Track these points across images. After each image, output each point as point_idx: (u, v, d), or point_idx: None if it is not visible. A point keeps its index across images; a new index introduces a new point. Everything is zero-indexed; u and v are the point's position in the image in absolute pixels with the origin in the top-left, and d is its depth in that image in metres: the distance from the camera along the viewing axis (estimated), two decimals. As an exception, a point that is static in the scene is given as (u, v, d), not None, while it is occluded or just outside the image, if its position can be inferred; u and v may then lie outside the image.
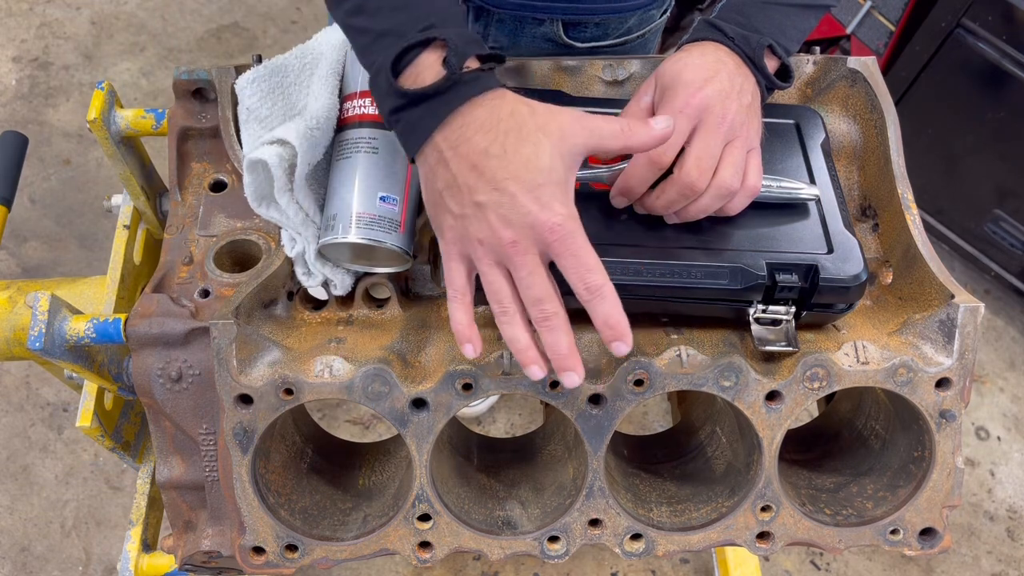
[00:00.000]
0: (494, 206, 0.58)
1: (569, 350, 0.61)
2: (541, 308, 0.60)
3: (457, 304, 0.63)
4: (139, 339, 0.71)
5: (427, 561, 0.75)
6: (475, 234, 0.60)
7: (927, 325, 0.72)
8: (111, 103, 0.85)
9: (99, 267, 1.99)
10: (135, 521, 0.88)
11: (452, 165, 0.60)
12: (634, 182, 0.69)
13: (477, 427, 1.87)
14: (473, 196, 0.59)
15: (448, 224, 0.62)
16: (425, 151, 0.62)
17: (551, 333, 0.60)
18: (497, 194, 0.58)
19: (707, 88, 0.67)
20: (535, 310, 0.60)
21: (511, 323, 0.61)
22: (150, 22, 2.54)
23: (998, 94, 1.77)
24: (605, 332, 0.60)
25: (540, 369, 0.62)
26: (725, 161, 0.67)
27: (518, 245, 0.58)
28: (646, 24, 1.01)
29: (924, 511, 0.76)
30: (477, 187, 0.59)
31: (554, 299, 0.60)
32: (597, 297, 0.59)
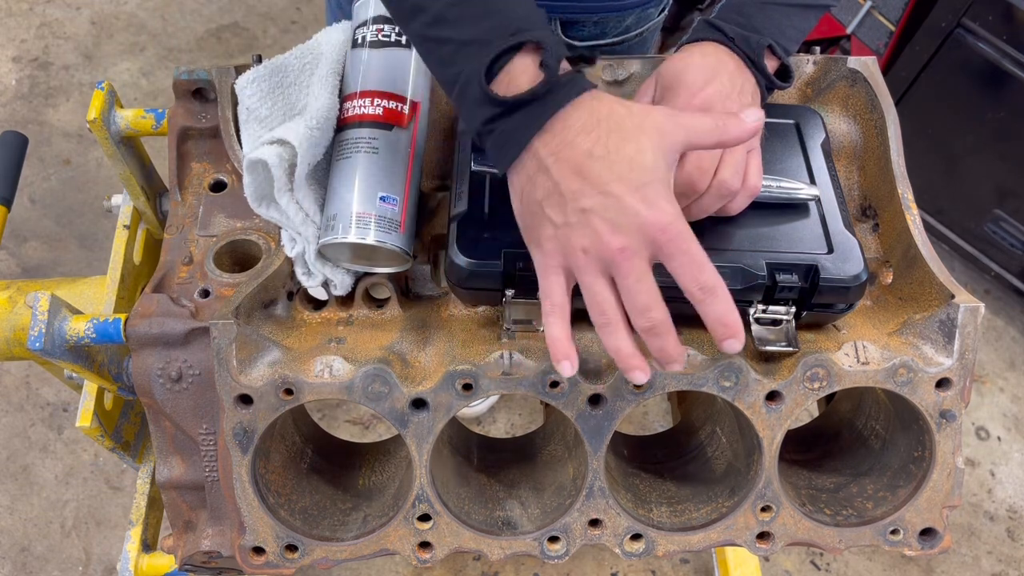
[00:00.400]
0: (600, 210, 0.56)
1: (678, 353, 0.59)
2: (649, 317, 0.58)
3: (555, 319, 0.60)
4: (139, 339, 0.71)
5: (427, 561, 0.75)
6: (579, 243, 0.57)
7: (927, 325, 0.72)
8: (111, 103, 0.85)
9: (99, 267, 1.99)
10: (135, 521, 0.88)
11: (554, 172, 0.57)
12: None
13: (477, 427, 1.87)
14: (578, 202, 0.56)
15: (548, 235, 0.59)
16: (524, 160, 0.59)
17: (658, 339, 0.58)
18: (603, 198, 0.56)
19: (708, 89, 0.68)
20: (642, 319, 0.58)
21: (615, 333, 0.59)
22: (150, 22, 2.54)
23: (998, 94, 1.77)
24: (719, 330, 0.58)
25: (645, 373, 0.60)
26: (725, 161, 0.67)
27: (627, 251, 0.56)
28: (644, 23, 1.01)
29: (924, 511, 0.76)
30: (582, 192, 0.56)
31: (661, 305, 0.58)
32: (710, 296, 0.57)
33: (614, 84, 0.85)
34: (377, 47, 0.75)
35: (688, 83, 0.68)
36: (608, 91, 0.85)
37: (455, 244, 0.70)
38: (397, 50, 0.75)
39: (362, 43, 0.76)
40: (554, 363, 0.61)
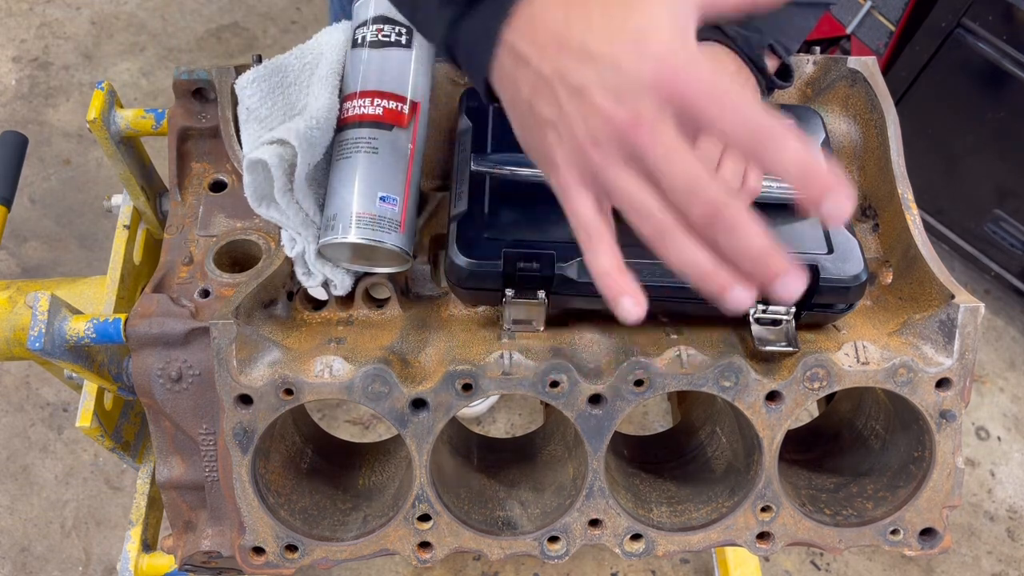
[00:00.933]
0: (596, 81, 0.44)
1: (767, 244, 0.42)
2: (705, 197, 0.42)
3: (595, 245, 0.48)
4: (139, 339, 0.71)
5: (427, 561, 0.75)
6: (584, 135, 0.45)
7: (927, 325, 0.72)
8: (111, 103, 0.85)
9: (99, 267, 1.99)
10: (135, 521, 0.88)
11: (532, 59, 0.47)
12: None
13: (477, 427, 1.87)
14: (566, 80, 0.45)
15: (552, 142, 0.47)
16: (500, 60, 0.49)
17: (731, 232, 0.42)
18: (593, 64, 0.44)
19: None
20: (696, 202, 0.42)
21: (678, 242, 0.44)
22: (150, 22, 2.53)
23: (998, 94, 1.77)
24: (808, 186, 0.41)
25: (748, 293, 0.44)
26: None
27: (642, 119, 0.43)
28: None
29: (924, 511, 0.76)
30: (567, 68, 0.45)
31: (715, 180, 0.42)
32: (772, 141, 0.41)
33: (614, 84, 0.85)
34: (377, 47, 0.75)
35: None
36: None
37: (455, 244, 0.70)
38: (397, 50, 0.75)
39: (362, 43, 0.76)
40: (611, 304, 0.48)
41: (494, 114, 0.78)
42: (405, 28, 0.76)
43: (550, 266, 0.68)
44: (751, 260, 0.42)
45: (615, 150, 0.45)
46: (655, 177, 0.44)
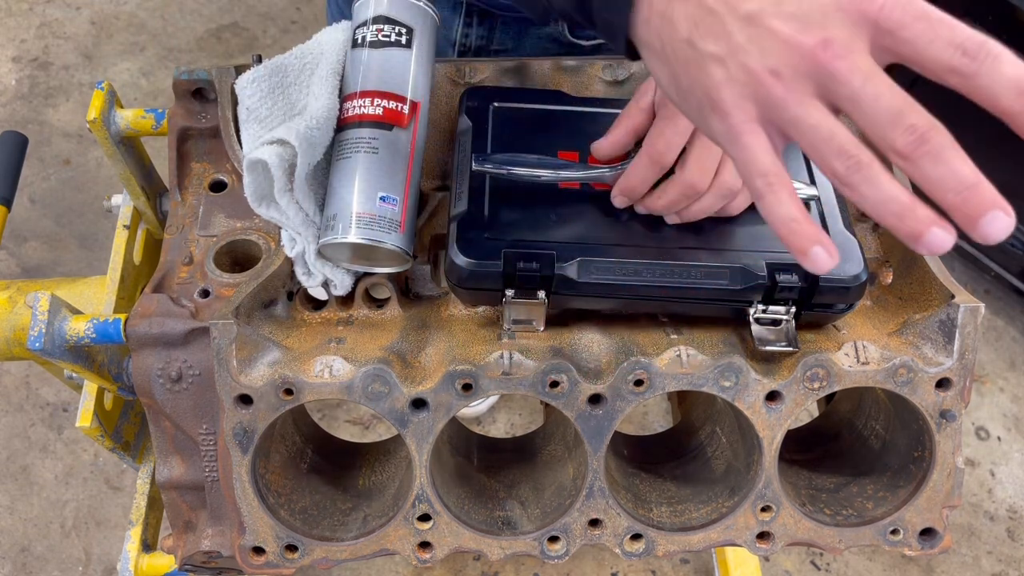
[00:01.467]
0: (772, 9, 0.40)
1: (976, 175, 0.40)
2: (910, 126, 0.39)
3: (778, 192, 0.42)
4: (139, 339, 0.71)
5: (427, 561, 0.75)
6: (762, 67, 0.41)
7: (927, 325, 0.72)
8: (111, 103, 0.85)
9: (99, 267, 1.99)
10: (135, 521, 0.88)
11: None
12: (635, 181, 0.69)
13: (477, 427, 1.87)
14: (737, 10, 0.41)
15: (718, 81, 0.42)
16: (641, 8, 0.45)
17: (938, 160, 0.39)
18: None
19: None
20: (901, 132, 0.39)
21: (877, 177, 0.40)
22: (150, 22, 2.54)
23: (998, 94, 1.77)
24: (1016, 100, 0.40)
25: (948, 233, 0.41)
26: (727, 162, 0.67)
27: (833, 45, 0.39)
28: None
29: (924, 511, 0.76)
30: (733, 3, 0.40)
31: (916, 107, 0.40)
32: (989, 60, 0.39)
33: (614, 84, 0.85)
34: (377, 47, 0.75)
35: None
36: (608, 91, 0.85)
37: (455, 244, 0.70)
38: (397, 50, 0.75)
39: (362, 43, 0.76)
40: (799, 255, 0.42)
41: (494, 114, 0.78)
42: (405, 28, 0.76)
43: (550, 266, 0.68)
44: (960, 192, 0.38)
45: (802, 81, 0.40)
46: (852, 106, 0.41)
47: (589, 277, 0.69)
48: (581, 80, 0.85)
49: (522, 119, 0.78)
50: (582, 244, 0.70)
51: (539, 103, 0.80)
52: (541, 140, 0.76)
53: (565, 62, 0.85)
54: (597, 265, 0.69)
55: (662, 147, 0.65)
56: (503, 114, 0.79)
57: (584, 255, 0.69)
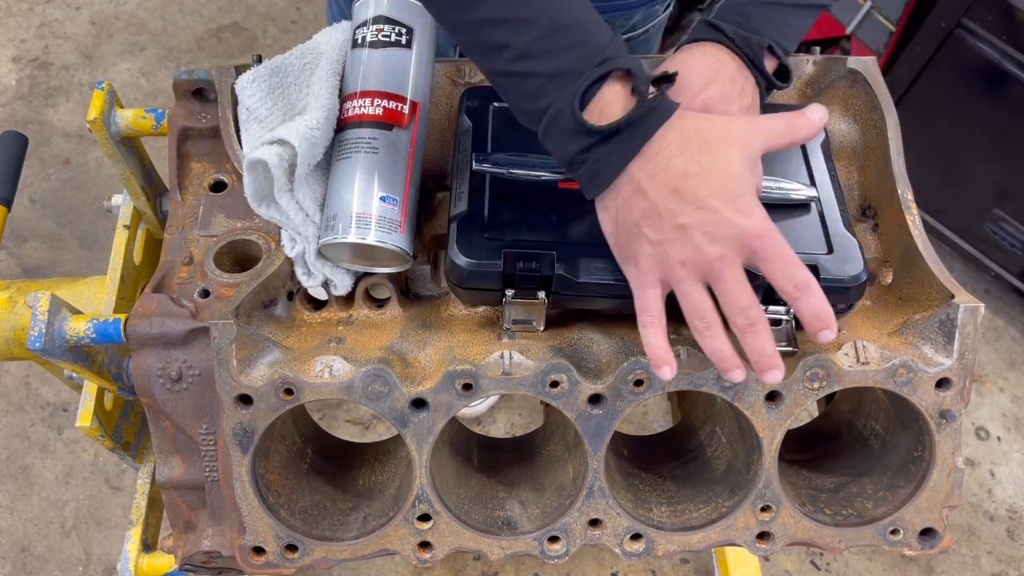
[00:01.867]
0: (698, 225, 0.59)
1: (773, 350, 0.62)
2: (748, 315, 0.61)
3: (654, 330, 0.64)
4: (139, 339, 0.71)
5: (427, 561, 0.75)
6: (677, 257, 0.60)
7: (927, 325, 0.72)
8: (111, 103, 0.85)
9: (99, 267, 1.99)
10: (135, 521, 0.88)
11: (651, 194, 0.60)
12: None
13: (477, 427, 1.87)
14: (676, 219, 0.59)
15: (645, 252, 0.62)
16: (619, 185, 0.61)
17: (756, 338, 0.61)
18: (700, 213, 0.59)
19: (709, 89, 0.68)
20: (741, 319, 0.61)
21: (715, 336, 0.62)
22: (150, 22, 2.54)
23: (998, 94, 1.77)
24: (814, 324, 0.61)
25: (743, 372, 0.64)
26: None
27: (725, 259, 0.59)
28: (650, 20, 1.02)
29: (924, 511, 0.76)
30: (680, 210, 0.59)
31: (757, 304, 0.61)
32: (805, 293, 0.60)
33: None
34: (377, 47, 0.75)
35: (689, 83, 0.68)
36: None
37: (455, 244, 0.70)
38: (397, 50, 0.75)
39: (362, 43, 0.76)
40: (655, 369, 0.64)
41: (494, 114, 0.78)
42: (405, 28, 0.76)
43: (550, 266, 0.68)
44: (760, 356, 0.62)
45: (696, 271, 0.60)
46: (721, 295, 0.61)
47: (589, 277, 0.69)
48: (581, 80, 0.85)
49: None
50: (582, 244, 0.70)
51: None
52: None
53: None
54: (597, 265, 0.69)
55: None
56: (503, 114, 0.78)
57: (584, 255, 0.69)
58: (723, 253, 0.59)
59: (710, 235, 0.59)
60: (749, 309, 0.61)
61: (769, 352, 0.62)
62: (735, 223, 0.58)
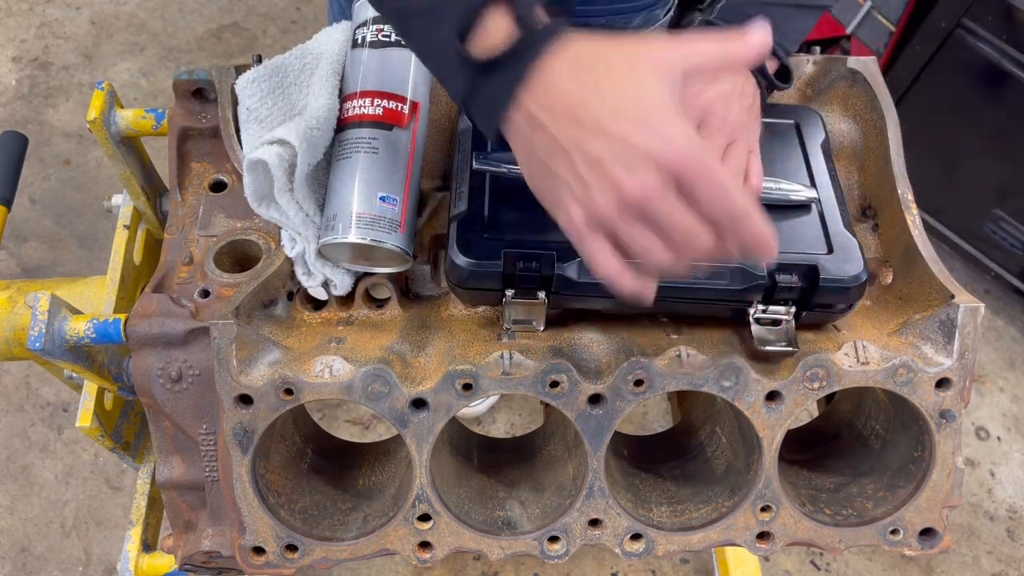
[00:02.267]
0: (609, 156, 0.52)
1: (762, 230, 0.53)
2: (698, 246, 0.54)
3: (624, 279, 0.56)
4: (139, 339, 0.71)
5: (427, 561, 0.75)
6: (603, 203, 0.53)
7: (927, 325, 0.72)
8: (111, 103, 0.85)
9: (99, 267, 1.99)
10: (135, 521, 0.88)
11: (550, 127, 0.54)
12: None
13: (477, 427, 1.87)
14: (584, 152, 0.53)
15: (568, 199, 0.55)
16: (515, 121, 0.56)
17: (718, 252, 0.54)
18: (607, 140, 0.52)
19: (708, 91, 0.67)
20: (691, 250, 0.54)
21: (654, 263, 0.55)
22: (150, 22, 2.54)
23: (998, 94, 1.77)
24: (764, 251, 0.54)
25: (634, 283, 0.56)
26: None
27: (649, 189, 0.51)
28: (651, 23, 1.02)
29: (924, 511, 0.76)
30: (583, 140, 0.53)
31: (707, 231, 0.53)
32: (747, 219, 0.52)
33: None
34: (377, 47, 0.75)
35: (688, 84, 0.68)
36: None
37: (455, 244, 0.70)
38: (397, 50, 0.75)
39: (362, 43, 0.76)
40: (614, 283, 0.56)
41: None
42: (405, 28, 0.76)
43: (550, 266, 0.68)
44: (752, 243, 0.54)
45: (628, 212, 0.53)
46: (661, 231, 0.53)
47: (589, 277, 0.69)
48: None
49: None
50: None
51: None
52: None
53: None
54: None
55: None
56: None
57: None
58: (644, 182, 0.51)
59: (626, 165, 0.51)
60: (698, 238, 0.53)
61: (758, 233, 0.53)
62: (649, 147, 0.51)
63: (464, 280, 0.70)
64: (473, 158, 0.72)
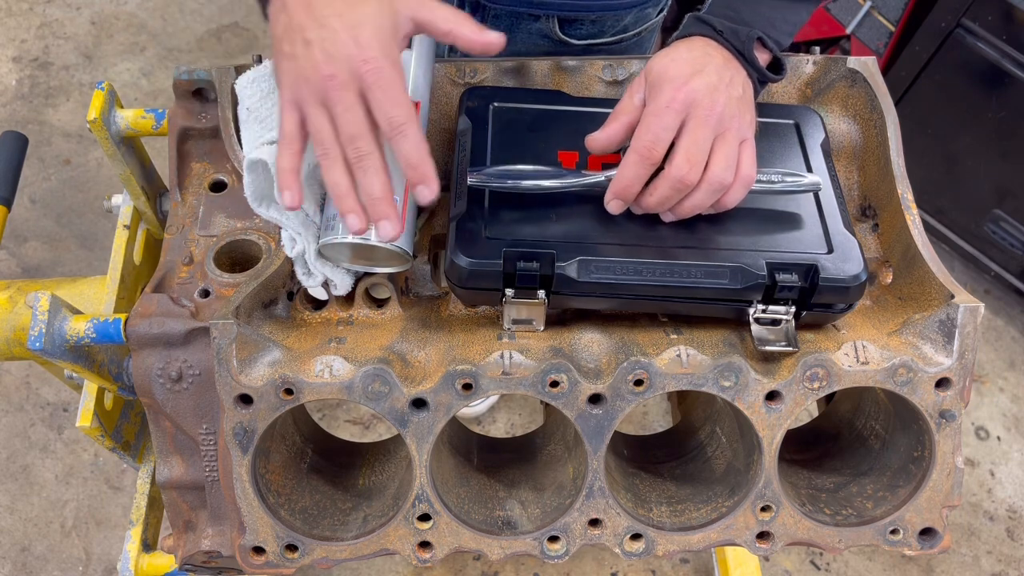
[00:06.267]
0: (319, 41, 0.61)
1: (383, 194, 0.62)
2: (356, 146, 0.61)
3: (285, 150, 0.64)
4: (139, 339, 0.71)
5: (427, 561, 0.75)
6: (302, 73, 0.62)
7: (927, 325, 0.72)
8: (111, 103, 0.85)
9: (99, 267, 2.00)
10: (135, 521, 0.88)
11: (290, 8, 0.64)
12: (628, 180, 0.68)
13: (477, 427, 1.87)
14: (303, 33, 0.62)
15: (284, 69, 0.64)
16: (274, 6, 0.66)
17: (365, 175, 0.62)
18: (322, 30, 0.61)
19: (693, 82, 0.67)
20: (351, 149, 0.61)
21: (332, 166, 0.62)
22: (150, 22, 2.54)
23: (998, 94, 1.77)
24: (409, 173, 0.62)
25: (358, 219, 0.63)
26: (717, 154, 0.67)
27: (335, 79, 0.61)
28: (642, 22, 1.02)
29: (924, 511, 0.76)
30: (306, 25, 0.62)
31: (369, 138, 0.61)
32: (399, 135, 0.61)
33: (614, 84, 0.85)
34: (377, 47, 0.75)
35: (672, 77, 0.68)
36: (608, 91, 0.85)
37: (455, 244, 0.70)
38: (397, 50, 0.75)
39: (362, 43, 0.76)
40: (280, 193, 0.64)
41: (494, 114, 0.78)
42: (405, 28, 0.76)
43: (550, 266, 0.68)
44: (368, 197, 0.62)
45: (315, 92, 0.62)
46: (333, 119, 0.62)
47: (589, 276, 0.69)
48: (581, 80, 0.85)
49: (522, 119, 0.78)
50: (582, 243, 0.70)
51: (539, 103, 0.80)
52: (541, 140, 0.76)
53: (565, 62, 0.85)
54: (597, 264, 0.69)
55: (649, 142, 0.66)
56: (503, 114, 0.79)
57: (584, 255, 0.69)
58: (335, 73, 0.60)
59: (327, 53, 0.61)
60: (357, 139, 0.61)
61: (376, 194, 0.62)
62: (348, 45, 0.60)
63: (464, 280, 0.70)
64: (469, 173, 0.72)
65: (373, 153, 0.61)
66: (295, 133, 0.64)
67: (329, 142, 0.62)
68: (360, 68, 0.60)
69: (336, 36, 0.61)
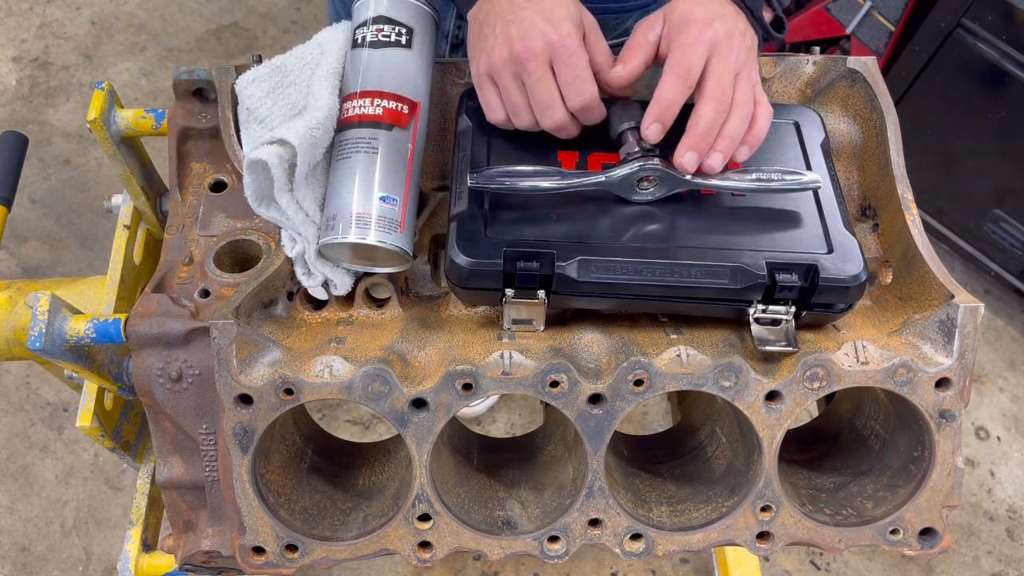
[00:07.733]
0: (517, 24, 0.71)
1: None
2: (550, 114, 0.72)
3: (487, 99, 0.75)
4: (139, 339, 0.71)
5: (427, 561, 0.75)
6: (498, 52, 0.71)
7: (927, 325, 0.72)
8: (111, 103, 0.85)
9: (99, 267, 1.99)
10: (135, 521, 0.88)
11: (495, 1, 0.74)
12: (668, 101, 0.71)
13: (477, 427, 1.87)
14: (503, 16, 0.72)
15: (480, 48, 0.73)
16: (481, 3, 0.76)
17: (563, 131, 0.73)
18: (522, 12, 0.71)
19: (715, 24, 0.71)
20: (545, 117, 0.72)
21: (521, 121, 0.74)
22: (150, 22, 2.54)
23: (998, 94, 1.77)
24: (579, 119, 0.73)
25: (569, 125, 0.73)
26: (740, 86, 0.71)
27: (530, 52, 0.70)
28: None
29: (924, 511, 0.76)
30: (506, 13, 0.72)
31: (560, 105, 0.71)
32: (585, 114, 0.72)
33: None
34: (377, 47, 0.75)
35: (698, 18, 0.71)
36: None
37: (455, 244, 0.70)
38: (397, 50, 0.75)
39: (362, 43, 0.76)
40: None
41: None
42: (405, 28, 0.76)
43: (550, 266, 0.68)
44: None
45: (510, 66, 0.71)
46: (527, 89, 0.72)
47: (589, 276, 0.69)
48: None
49: None
50: (582, 243, 0.70)
51: None
52: (541, 140, 0.76)
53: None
54: (597, 264, 0.69)
55: (687, 65, 0.70)
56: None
57: (584, 254, 0.69)
58: (529, 47, 0.70)
59: (522, 34, 0.70)
60: (551, 107, 0.71)
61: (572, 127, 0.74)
62: (542, 27, 0.70)
63: (464, 279, 0.70)
64: (469, 176, 0.72)
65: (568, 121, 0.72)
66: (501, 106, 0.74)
67: (521, 109, 0.72)
68: (553, 47, 0.69)
69: (533, 19, 0.70)
